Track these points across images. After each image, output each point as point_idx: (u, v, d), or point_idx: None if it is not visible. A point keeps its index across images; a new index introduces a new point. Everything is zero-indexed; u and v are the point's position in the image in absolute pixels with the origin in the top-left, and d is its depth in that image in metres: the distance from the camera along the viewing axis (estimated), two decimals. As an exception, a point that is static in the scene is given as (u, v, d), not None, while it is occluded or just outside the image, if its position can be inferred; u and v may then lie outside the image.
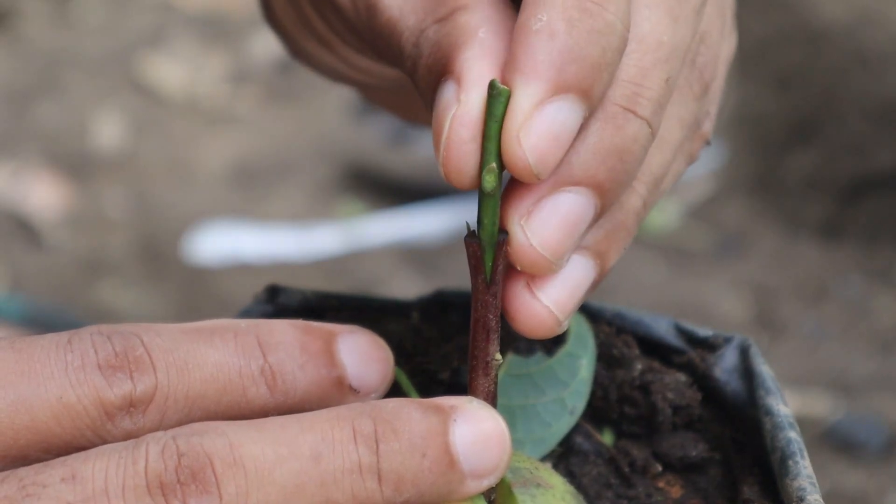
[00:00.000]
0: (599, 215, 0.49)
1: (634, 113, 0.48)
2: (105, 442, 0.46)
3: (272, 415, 0.47)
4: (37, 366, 0.46)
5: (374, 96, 0.77)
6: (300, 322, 0.51)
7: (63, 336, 0.47)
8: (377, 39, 0.52)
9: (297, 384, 0.49)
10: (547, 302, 0.49)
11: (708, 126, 0.57)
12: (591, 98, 0.47)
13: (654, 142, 0.50)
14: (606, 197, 0.48)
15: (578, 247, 0.50)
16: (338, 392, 0.50)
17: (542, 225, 0.48)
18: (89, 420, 0.46)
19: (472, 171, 0.47)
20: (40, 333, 0.48)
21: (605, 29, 0.46)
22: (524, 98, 0.46)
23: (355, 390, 0.50)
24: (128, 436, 0.46)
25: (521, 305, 0.49)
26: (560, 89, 0.46)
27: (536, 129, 0.46)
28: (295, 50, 0.67)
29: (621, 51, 0.47)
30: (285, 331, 0.50)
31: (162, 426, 0.47)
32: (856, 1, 2.33)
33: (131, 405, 0.46)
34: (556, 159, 0.47)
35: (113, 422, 0.46)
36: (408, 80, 0.51)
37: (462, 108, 0.47)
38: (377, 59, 0.57)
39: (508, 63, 0.47)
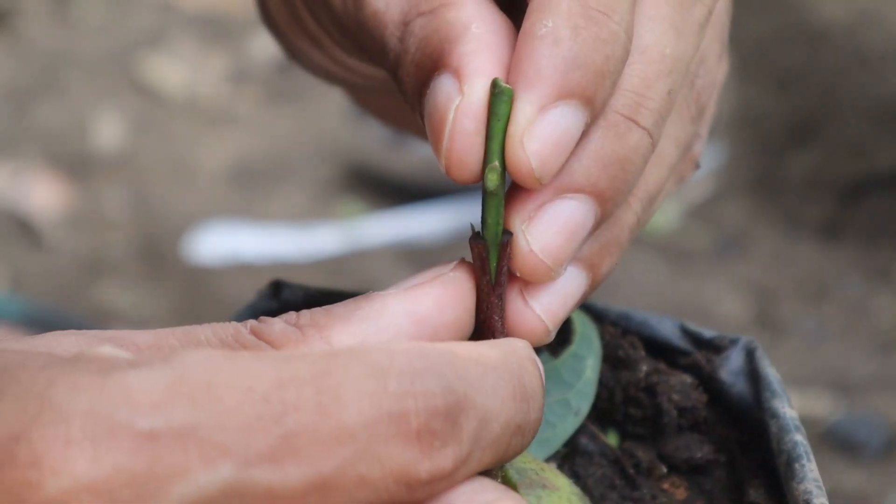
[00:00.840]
0: (598, 224, 0.49)
1: (636, 122, 0.48)
2: None
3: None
4: (342, 428, 0.38)
5: (363, 99, 0.77)
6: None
7: (378, 380, 0.39)
8: (362, 34, 0.52)
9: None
10: (539, 311, 0.49)
11: (698, 148, 0.57)
12: (594, 105, 0.47)
13: (652, 158, 0.50)
14: (606, 206, 0.48)
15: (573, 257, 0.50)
16: None
17: (543, 231, 0.48)
18: (387, 496, 0.39)
19: (473, 164, 0.47)
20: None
21: (610, 37, 0.46)
22: (528, 102, 0.46)
23: None
24: None
25: (512, 313, 0.49)
26: (564, 95, 0.46)
27: (540, 133, 0.46)
28: (289, 49, 0.67)
29: (624, 60, 0.47)
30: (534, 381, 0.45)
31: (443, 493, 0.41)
32: (856, 1, 2.33)
33: (438, 480, 0.40)
34: (559, 165, 0.47)
35: (410, 495, 0.40)
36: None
37: (467, 99, 0.47)
38: (363, 58, 0.57)
39: (512, 66, 0.47)
